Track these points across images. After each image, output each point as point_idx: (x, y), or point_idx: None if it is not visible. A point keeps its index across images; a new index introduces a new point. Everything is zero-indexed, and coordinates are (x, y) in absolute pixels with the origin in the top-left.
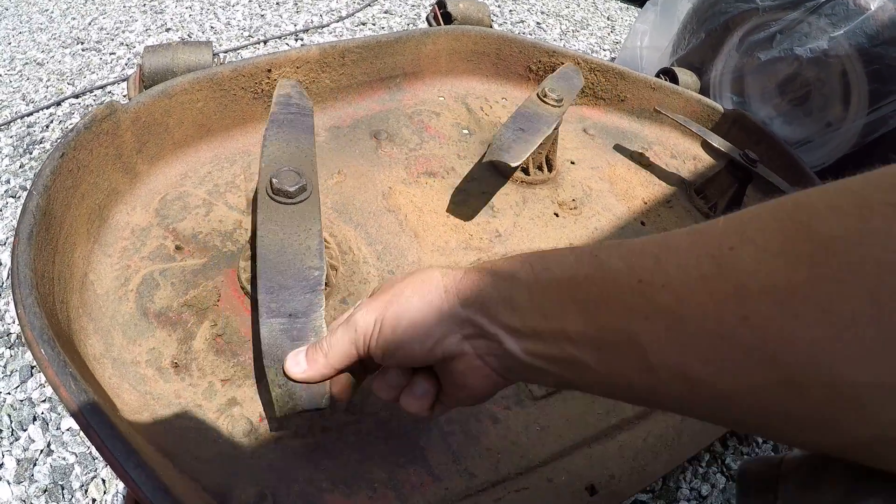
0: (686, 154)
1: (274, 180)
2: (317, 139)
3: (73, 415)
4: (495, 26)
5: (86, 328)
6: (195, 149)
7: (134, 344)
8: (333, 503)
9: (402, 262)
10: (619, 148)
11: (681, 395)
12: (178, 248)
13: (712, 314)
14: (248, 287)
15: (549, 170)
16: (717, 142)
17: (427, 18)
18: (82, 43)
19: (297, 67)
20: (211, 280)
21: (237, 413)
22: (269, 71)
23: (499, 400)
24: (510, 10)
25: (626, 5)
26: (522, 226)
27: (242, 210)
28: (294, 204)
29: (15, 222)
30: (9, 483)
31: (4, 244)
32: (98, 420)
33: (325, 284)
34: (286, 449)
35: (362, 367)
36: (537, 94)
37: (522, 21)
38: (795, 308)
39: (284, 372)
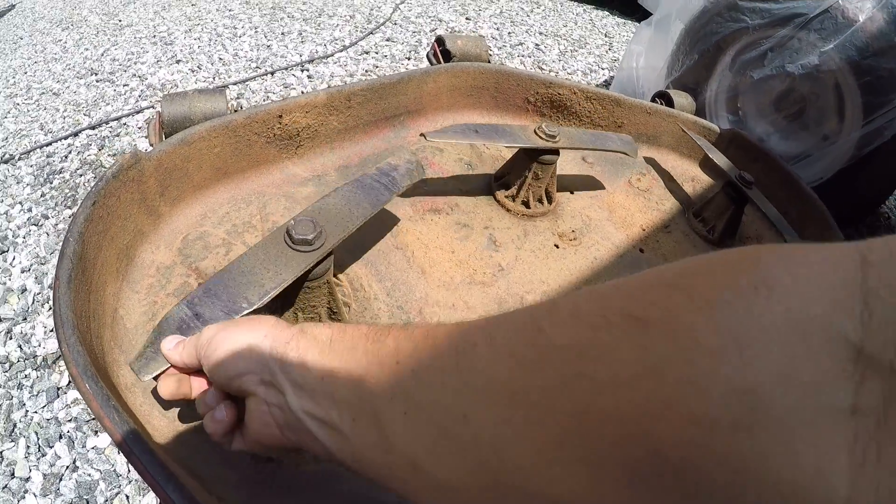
0: (684, 176)
1: (292, 221)
2: (326, 178)
3: (117, 443)
4: (496, 50)
5: (117, 360)
6: (213, 191)
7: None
8: None
9: (411, 298)
10: (617, 174)
11: (410, 481)
12: (200, 285)
13: (442, 406)
14: None
15: (549, 202)
16: (720, 160)
17: (427, 56)
18: (96, 74)
19: (307, 112)
20: None
21: None
22: (280, 117)
23: None
24: (509, 33)
25: (622, 20)
26: (524, 259)
27: None
28: (291, 249)
29: (38, 250)
30: (35, 496)
31: (29, 270)
32: (140, 448)
33: (338, 320)
34: (304, 474)
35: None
36: (534, 131)
37: (521, 43)
38: (508, 414)
39: (161, 344)
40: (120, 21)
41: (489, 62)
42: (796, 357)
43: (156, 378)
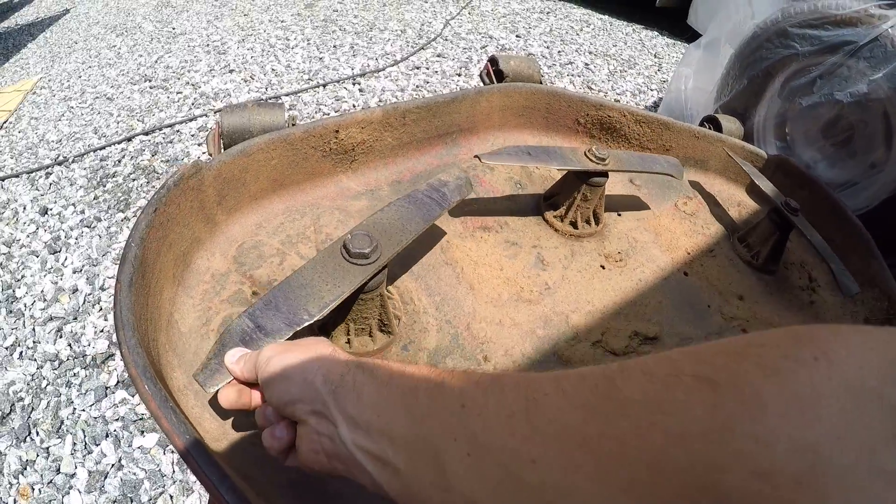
0: (730, 201)
1: (349, 235)
2: (379, 192)
3: (174, 443)
4: (546, 69)
5: (171, 363)
6: (269, 201)
7: None
8: None
9: (459, 313)
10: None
11: None
12: (254, 293)
13: (509, 450)
14: (320, 332)
15: (597, 223)
16: (766, 186)
17: (480, 75)
18: (150, 80)
19: (363, 128)
20: None
21: None
22: (337, 131)
23: None
24: (559, 52)
25: (672, 41)
26: (570, 278)
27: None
28: (348, 262)
29: (90, 251)
30: (80, 492)
31: (80, 271)
32: (196, 448)
33: (389, 332)
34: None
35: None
36: (584, 153)
37: (571, 62)
38: (580, 460)
39: (224, 356)
40: (174, 29)
41: (541, 83)
42: (852, 421)
43: (198, 382)
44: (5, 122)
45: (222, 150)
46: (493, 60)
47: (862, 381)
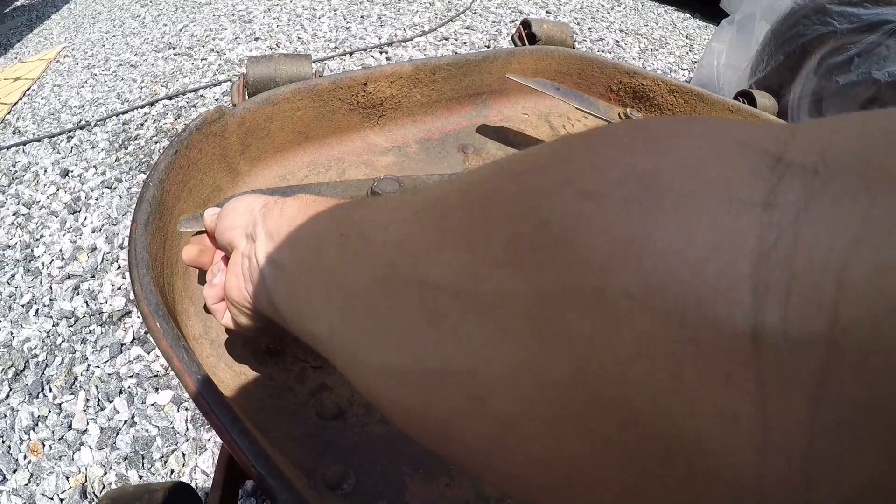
0: None
1: (377, 179)
2: (406, 150)
3: (185, 383)
4: (576, 45)
5: (187, 310)
6: (293, 154)
7: (231, 329)
8: (412, 486)
9: None
10: None
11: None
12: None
13: (370, 222)
14: None
15: None
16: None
17: (512, 38)
18: (174, 48)
19: (392, 82)
20: None
21: (326, 397)
22: (365, 84)
23: None
24: (589, 28)
25: (704, 24)
26: None
27: None
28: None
29: (110, 211)
30: (91, 448)
31: (100, 230)
32: (207, 389)
33: None
34: (371, 434)
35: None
36: (618, 114)
37: (601, 39)
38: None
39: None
40: None
41: (574, 48)
42: (706, 157)
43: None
44: (28, 90)
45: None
46: (525, 24)
47: (727, 130)
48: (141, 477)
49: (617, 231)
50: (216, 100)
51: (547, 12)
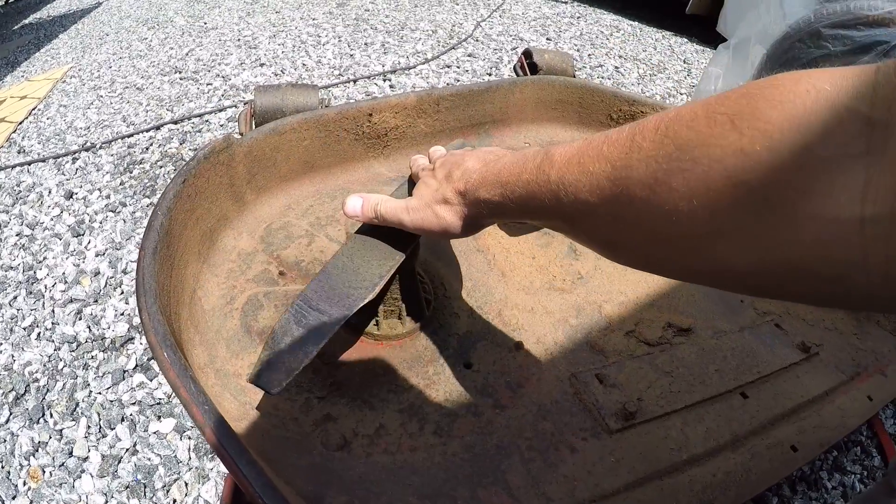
0: None
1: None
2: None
3: (192, 414)
4: (576, 72)
5: (192, 339)
6: (299, 183)
7: (236, 357)
8: None
9: (490, 300)
10: None
11: (610, 251)
12: (281, 273)
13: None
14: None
15: None
16: None
17: (514, 68)
18: (180, 72)
19: (396, 112)
20: None
21: (331, 428)
22: (371, 115)
23: (577, 431)
24: (588, 55)
25: (701, 48)
26: (603, 269)
27: (342, 243)
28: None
29: (114, 235)
30: (92, 476)
31: (103, 254)
32: (214, 420)
33: (419, 316)
34: (376, 464)
35: None
36: None
37: (601, 65)
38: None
39: (345, 207)
40: (205, 24)
41: (574, 77)
42: (832, 128)
43: (280, 393)
44: (34, 109)
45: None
46: (527, 53)
47: (840, 101)
48: None
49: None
50: (221, 125)
51: (547, 39)
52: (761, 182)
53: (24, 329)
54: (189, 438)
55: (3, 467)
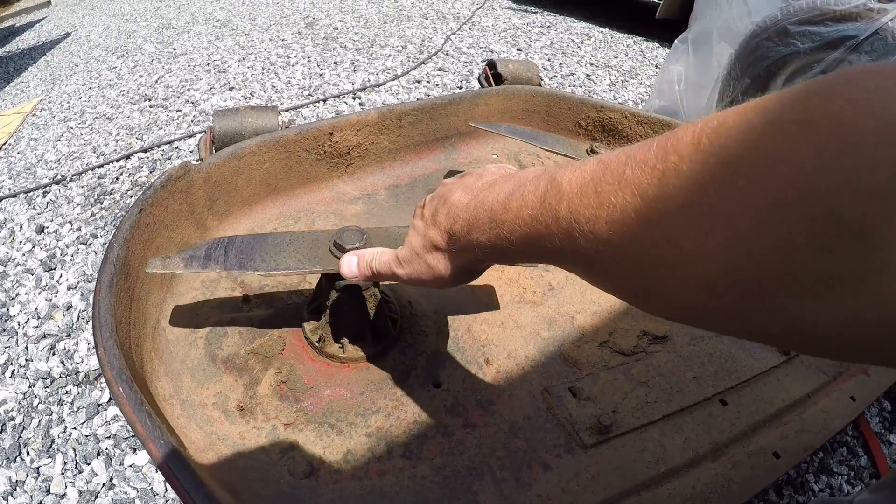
0: None
1: (338, 234)
2: (375, 197)
3: (148, 449)
4: (547, 80)
5: (157, 371)
6: (262, 206)
7: (202, 387)
8: None
9: (459, 315)
10: None
11: (632, 298)
12: (245, 299)
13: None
14: (313, 338)
15: None
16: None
17: (478, 79)
18: (150, 100)
19: (358, 130)
20: (276, 330)
21: (298, 456)
22: (332, 134)
23: (551, 448)
24: (560, 63)
25: None
26: (574, 280)
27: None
28: (331, 251)
29: (86, 268)
30: None
31: (75, 288)
32: (170, 454)
33: (385, 336)
34: (344, 490)
35: None
36: (586, 150)
37: (572, 73)
38: (703, 222)
39: (343, 267)
40: (174, 50)
41: (540, 86)
42: None
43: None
44: (4, 144)
45: None
46: (491, 64)
47: None
48: None
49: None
50: (191, 151)
51: (518, 50)
52: (852, 209)
53: None
54: None
55: None
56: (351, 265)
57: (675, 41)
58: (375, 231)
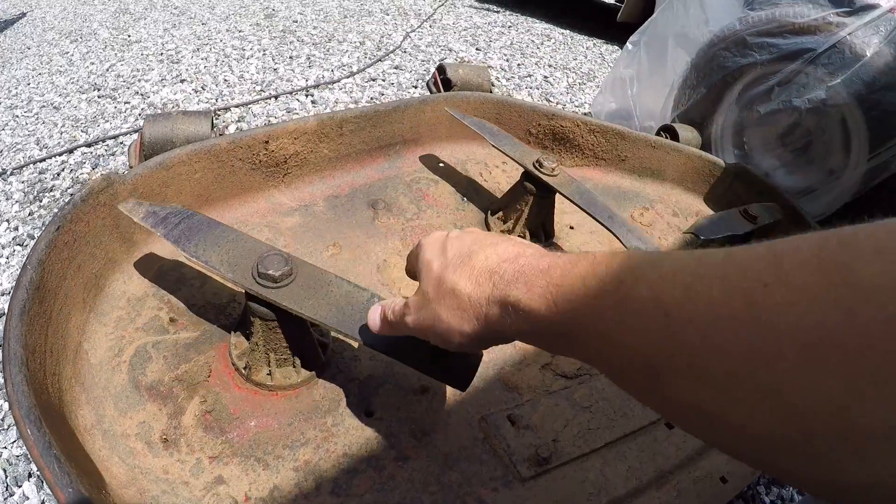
0: (688, 210)
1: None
2: (313, 208)
3: (56, 497)
4: (504, 81)
5: (78, 398)
6: None
7: (125, 416)
8: None
9: None
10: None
11: (689, 421)
12: (172, 320)
13: (736, 355)
14: (239, 363)
15: (547, 237)
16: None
17: (427, 84)
18: (99, 89)
19: (296, 138)
20: (203, 355)
21: (223, 492)
22: (267, 142)
23: (487, 481)
24: (518, 64)
25: None
26: None
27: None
28: (285, 287)
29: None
30: None
31: (9, 294)
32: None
33: (314, 363)
34: None
35: None
36: (533, 164)
37: (530, 75)
38: (822, 355)
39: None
40: (129, 37)
41: (491, 92)
42: None
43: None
44: None
45: None
46: (440, 69)
47: None
48: None
49: None
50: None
51: (477, 49)
52: None
53: None
54: None
55: None
56: (376, 319)
57: (627, 42)
58: (296, 260)
